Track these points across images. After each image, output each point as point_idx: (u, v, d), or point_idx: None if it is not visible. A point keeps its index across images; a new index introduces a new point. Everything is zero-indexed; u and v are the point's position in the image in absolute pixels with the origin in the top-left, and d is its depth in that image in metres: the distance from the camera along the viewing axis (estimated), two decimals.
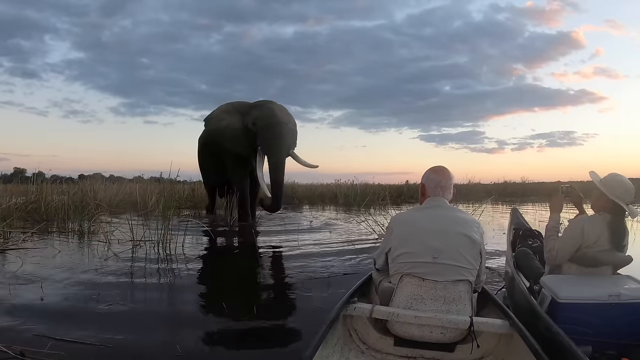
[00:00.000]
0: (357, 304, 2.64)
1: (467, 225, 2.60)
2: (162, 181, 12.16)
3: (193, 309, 4.08)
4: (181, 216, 10.46)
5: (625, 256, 2.94)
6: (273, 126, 9.60)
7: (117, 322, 3.60)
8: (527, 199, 20.57)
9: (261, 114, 9.75)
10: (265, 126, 9.57)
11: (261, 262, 5.73)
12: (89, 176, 18.47)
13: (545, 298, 2.79)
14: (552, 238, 3.18)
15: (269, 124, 9.60)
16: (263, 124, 9.60)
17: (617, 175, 3.00)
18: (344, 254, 6.75)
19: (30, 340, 3.02)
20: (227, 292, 4.81)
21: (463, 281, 2.48)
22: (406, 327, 2.49)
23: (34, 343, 2.96)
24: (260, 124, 9.61)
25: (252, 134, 9.73)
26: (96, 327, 3.40)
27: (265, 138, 9.55)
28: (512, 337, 2.42)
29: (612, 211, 2.93)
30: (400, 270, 2.55)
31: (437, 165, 2.87)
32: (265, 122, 9.61)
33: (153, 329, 3.51)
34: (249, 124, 9.76)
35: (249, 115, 9.89)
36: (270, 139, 9.54)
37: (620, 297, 2.59)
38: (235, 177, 10.50)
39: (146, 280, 5.12)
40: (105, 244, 7.03)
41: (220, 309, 4.01)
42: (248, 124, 9.78)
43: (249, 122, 9.77)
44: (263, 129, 9.56)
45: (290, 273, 5.53)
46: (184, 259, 6.22)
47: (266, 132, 9.55)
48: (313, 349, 2.11)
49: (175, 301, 4.36)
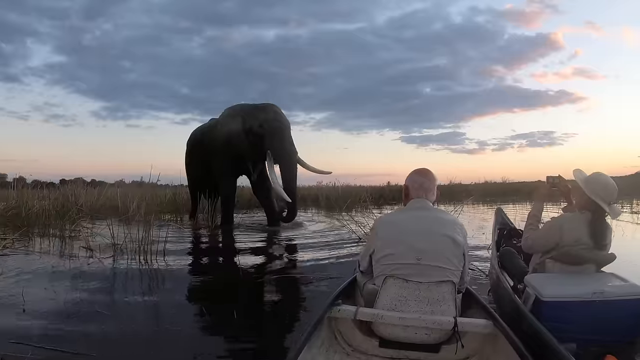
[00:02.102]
0: (341, 306, 2.63)
1: (450, 226, 2.61)
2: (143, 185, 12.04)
3: (173, 313, 4.02)
4: (162, 220, 10.33)
5: (608, 254, 2.95)
6: (282, 130, 9.56)
7: (97, 328, 3.55)
8: (508, 198, 20.74)
9: (267, 117, 9.59)
10: (274, 130, 9.45)
11: (242, 265, 5.68)
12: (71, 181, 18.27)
13: (529, 297, 2.78)
14: (531, 227, 3.26)
15: (277, 128, 9.51)
16: (271, 128, 9.45)
17: (600, 174, 3.01)
18: (327, 256, 6.76)
19: (11, 348, 2.98)
20: (207, 296, 4.80)
21: (447, 282, 2.48)
22: (391, 328, 2.49)
23: (15, 350, 2.92)
24: (267, 127, 9.45)
25: (257, 137, 9.53)
26: (77, 335, 3.36)
27: (274, 143, 9.39)
28: (497, 337, 2.42)
29: (593, 210, 2.94)
30: (384, 271, 2.54)
31: (421, 167, 2.88)
32: (272, 126, 9.49)
33: (134, 334, 3.47)
34: (254, 126, 9.53)
35: (254, 117, 9.65)
36: (280, 144, 9.43)
37: (604, 294, 2.60)
38: (224, 182, 10.38)
39: (127, 285, 5.09)
40: (86, 249, 6.94)
41: (201, 312, 4.01)
42: (253, 127, 9.54)
43: (254, 124, 9.54)
44: (272, 133, 9.41)
45: (272, 275, 5.51)
46: (164, 263, 6.18)
47: (275, 137, 9.42)
48: (297, 350, 2.09)
49: (155, 306, 4.30)
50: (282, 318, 3.90)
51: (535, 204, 3.40)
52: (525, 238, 3.25)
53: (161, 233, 6.96)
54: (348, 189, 18.75)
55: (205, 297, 4.74)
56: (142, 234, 6.57)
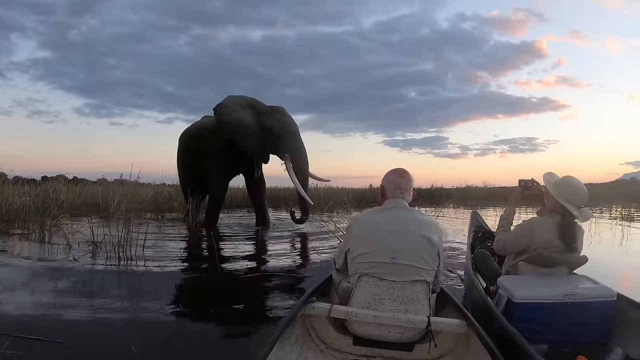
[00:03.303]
0: (316, 303, 2.63)
1: (425, 226, 2.62)
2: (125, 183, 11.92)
3: (150, 310, 3.98)
4: (143, 219, 10.23)
5: (580, 257, 2.98)
6: (299, 135, 9.76)
7: (75, 322, 3.57)
8: (489, 202, 20.83)
9: (286, 120, 9.68)
10: (292, 135, 9.62)
11: (221, 264, 5.64)
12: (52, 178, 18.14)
13: (501, 298, 2.81)
14: (502, 229, 3.31)
15: (296, 133, 9.70)
16: (290, 132, 9.58)
17: (570, 178, 3.03)
18: (305, 256, 6.87)
19: None
20: (185, 293, 4.78)
21: (421, 281, 2.50)
22: (365, 326, 2.50)
23: None
24: (287, 131, 9.54)
25: (274, 137, 9.53)
26: (54, 327, 3.35)
27: (293, 147, 9.58)
28: (470, 337, 2.44)
29: (562, 214, 2.97)
30: (359, 270, 2.55)
31: (397, 168, 2.89)
32: (293, 131, 9.65)
33: (110, 328, 3.49)
34: (275, 127, 9.50)
35: (274, 119, 9.62)
36: (298, 149, 9.66)
37: (575, 296, 2.62)
38: (218, 181, 10.29)
39: (105, 281, 5.08)
40: (66, 246, 6.91)
41: (177, 309, 4.01)
42: (273, 127, 9.51)
43: (275, 125, 9.51)
44: (290, 137, 9.55)
45: (249, 273, 5.50)
46: (143, 261, 6.16)
47: (294, 141, 9.62)
48: (269, 346, 2.09)
49: (132, 302, 4.24)
50: (257, 316, 3.89)
51: (508, 207, 3.45)
52: (497, 240, 3.29)
53: (141, 230, 6.93)
54: (330, 191, 18.45)
55: (182, 294, 4.72)
56: (121, 232, 6.54)
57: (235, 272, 5.63)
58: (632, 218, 13.10)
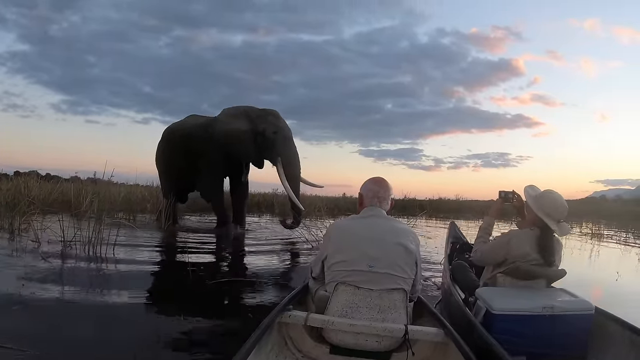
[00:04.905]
0: (292, 311, 2.61)
1: (403, 234, 2.61)
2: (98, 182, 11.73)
3: (121, 312, 3.90)
4: (115, 218, 10.03)
5: (559, 270, 2.99)
6: (292, 140, 9.61)
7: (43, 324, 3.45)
8: (461, 215, 21.05)
9: (280, 124, 9.51)
10: (286, 139, 9.43)
11: (193, 268, 5.52)
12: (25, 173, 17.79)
13: (480, 309, 2.80)
14: (481, 240, 3.32)
15: (289, 137, 9.53)
16: (284, 136, 9.40)
17: (551, 192, 3.05)
18: (279, 262, 6.79)
19: None
20: (155, 297, 4.67)
21: (398, 290, 2.49)
22: (341, 335, 2.47)
23: None
24: (281, 135, 9.36)
25: (268, 141, 9.35)
26: (21, 330, 3.23)
27: (287, 151, 9.40)
28: (447, 346, 2.43)
29: (541, 227, 2.98)
30: (336, 278, 2.53)
31: (376, 176, 2.89)
32: (286, 135, 9.46)
33: (80, 331, 3.35)
34: (268, 131, 9.30)
35: (267, 122, 9.44)
36: (292, 153, 9.50)
37: (553, 309, 2.63)
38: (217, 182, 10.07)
39: (74, 281, 4.89)
40: (35, 243, 6.74)
41: (149, 313, 3.95)
42: (266, 131, 9.30)
43: (269, 129, 9.32)
44: (284, 142, 9.37)
45: (223, 279, 5.35)
46: (114, 261, 6.05)
47: (287, 145, 9.43)
48: (244, 354, 2.04)
49: (103, 304, 4.14)
50: (231, 323, 3.79)
51: (486, 218, 3.45)
52: (475, 251, 3.30)
53: (112, 231, 6.79)
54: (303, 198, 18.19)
55: (152, 298, 4.59)
56: (92, 231, 6.43)
57: (207, 276, 5.50)
58: (602, 235, 13.30)
